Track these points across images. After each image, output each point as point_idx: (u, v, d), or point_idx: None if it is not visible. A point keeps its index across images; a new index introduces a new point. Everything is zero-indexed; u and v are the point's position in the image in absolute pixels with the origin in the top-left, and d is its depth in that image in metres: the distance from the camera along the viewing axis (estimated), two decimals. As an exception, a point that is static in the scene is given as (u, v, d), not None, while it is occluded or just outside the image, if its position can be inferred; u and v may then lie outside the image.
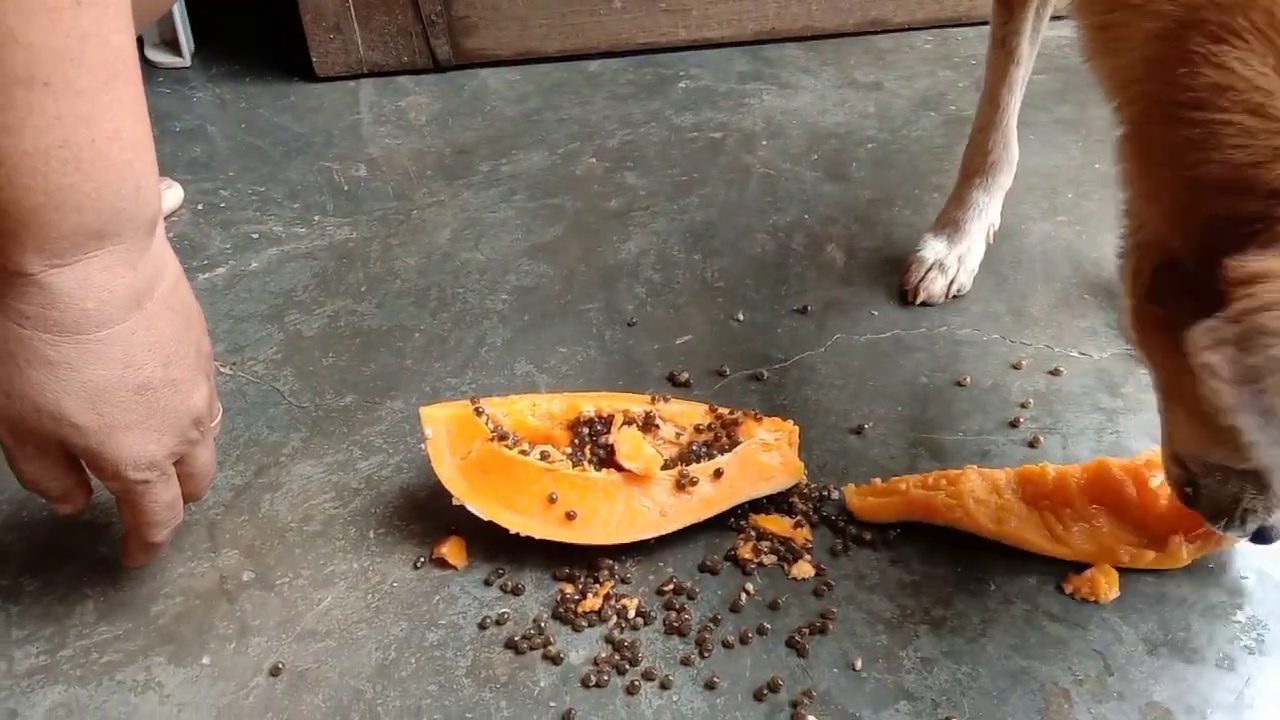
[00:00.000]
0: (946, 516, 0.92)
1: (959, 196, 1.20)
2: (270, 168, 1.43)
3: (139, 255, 0.72)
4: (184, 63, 1.64)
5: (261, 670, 0.85)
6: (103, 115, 0.65)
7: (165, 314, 0.75)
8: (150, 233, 0.73)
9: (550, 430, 0.96)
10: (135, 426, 0.75)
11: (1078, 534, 0.91)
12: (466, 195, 1.37)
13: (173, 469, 0.80)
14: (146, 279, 0.73)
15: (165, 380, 0.75)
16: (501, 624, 0.88)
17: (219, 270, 1.26)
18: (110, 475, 0.76)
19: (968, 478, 0.94)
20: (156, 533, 0.83)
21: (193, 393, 0.78)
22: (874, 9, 1.65)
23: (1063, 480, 0.94)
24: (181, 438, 0.79)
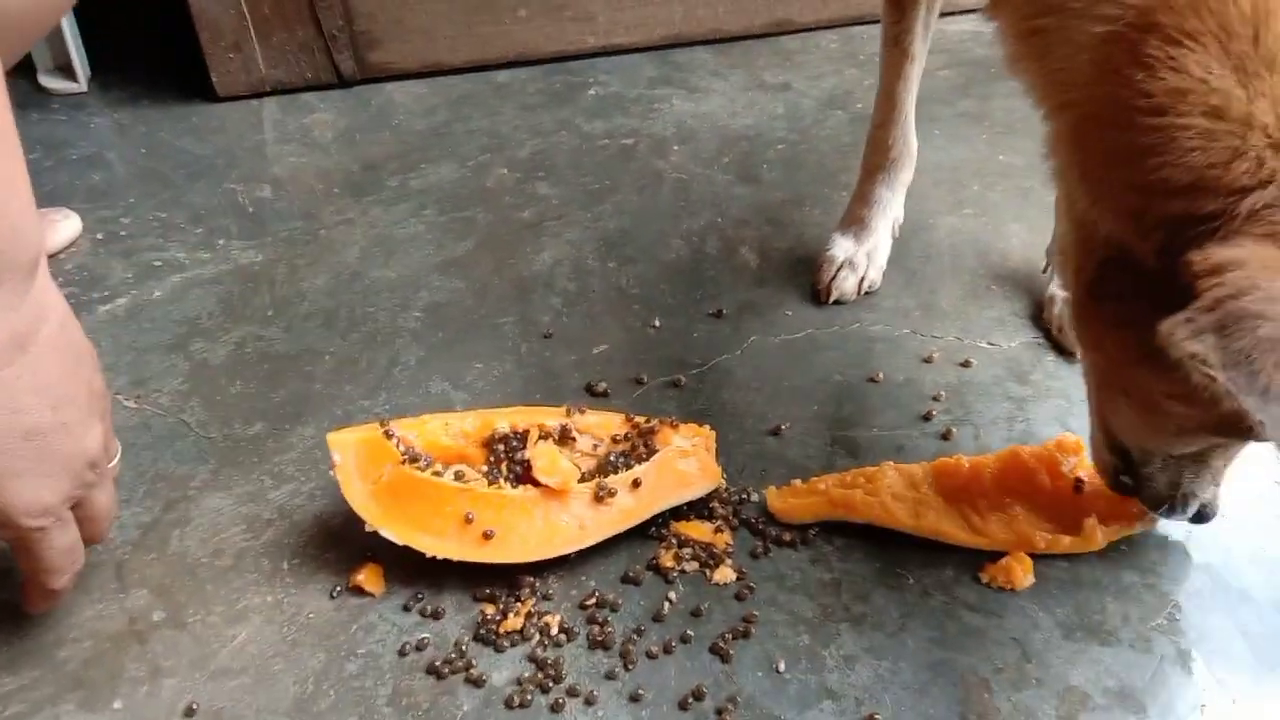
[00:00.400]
0: (865, 514, 0.93)
1: (862, 194, 1.21)
2: (172, 192, 1.39)
3: (19, 298, 0.69)
4: (80, 88, 1.60)
5: (175, 712, 0.83)
6: None
7: (52, 356, 0.72)
8: (30, 275, 0.70)
9: (465, 449, 0.94)
10: (26, 474, 0.72)
11: (994, 523, 0.93)
12: (375, 212, 1.35)
13: (69, 514, 0.78)
14: (28, 322, 0.70)
15: (55, 424, 0.73)
16: (422, 649, 0.87)
17: (120, 300, 1.23)
18: (3, 524, 0.74)
19: (884, 474, 0.95)
20: (56, 580, 0.80)
21: (85, 435, 0.76)
22: (779, 9, 1.66)
23: (977, 471, 0.95)
24: (76, 482, 0.76)
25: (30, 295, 0.71)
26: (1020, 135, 1.46)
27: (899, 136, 1.19)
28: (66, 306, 0.76)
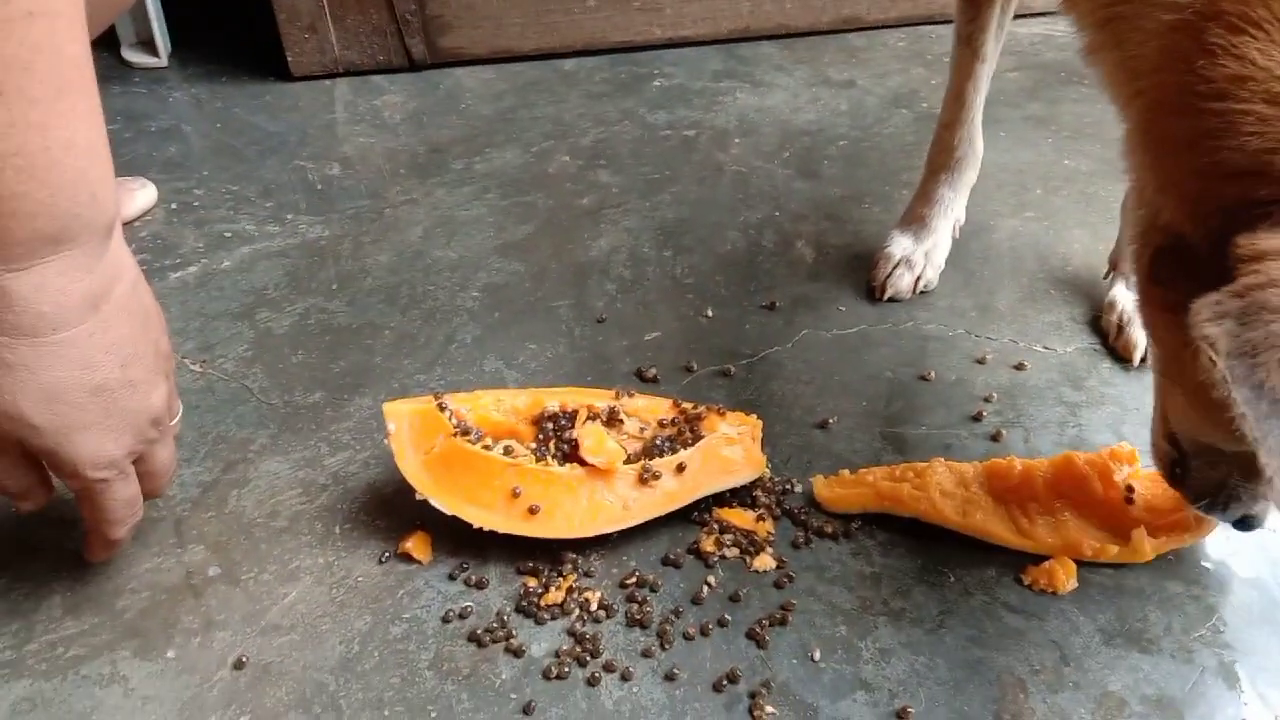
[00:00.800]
0: (913, 508, 0.93)
1: (925, 193, 1.21)
2: (244, 167, 1.43)
3: (95, 260, 0.72)
4: (160, 63, 1.65)
5: (225, 664, 0.86)
6: (57, 123, 0.66)
7: (122, 316, 0.75)
8: (107, 237, 0.73)
9: (515, 425, 0.96)
10: (93, 427, 0.75)
11: (1042, 527, 0.92)
12: (439, 193, 1.38)
13: (131, 468, 0.81)
14: (103, 282, 0.73)
15: (123, 381, 0.76)
16: (465, 617, 0.89)
17: (191, 269, 1.27)
18: (69, 474, 0.77)
19: (934, 470, 0.95)
20: (116, 530, 0.83)
21: (151, 393, 0.79)
22: (847, 7, 1.66)
23: (1029, 474, 0.95)
24: (140, 437, 0.79)
25: (106, 258, 0.74)
26: (1087, 140, 1.44)
27: (965, 137, 1.18)
28: (138, 269, 0.79)
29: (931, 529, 0.94)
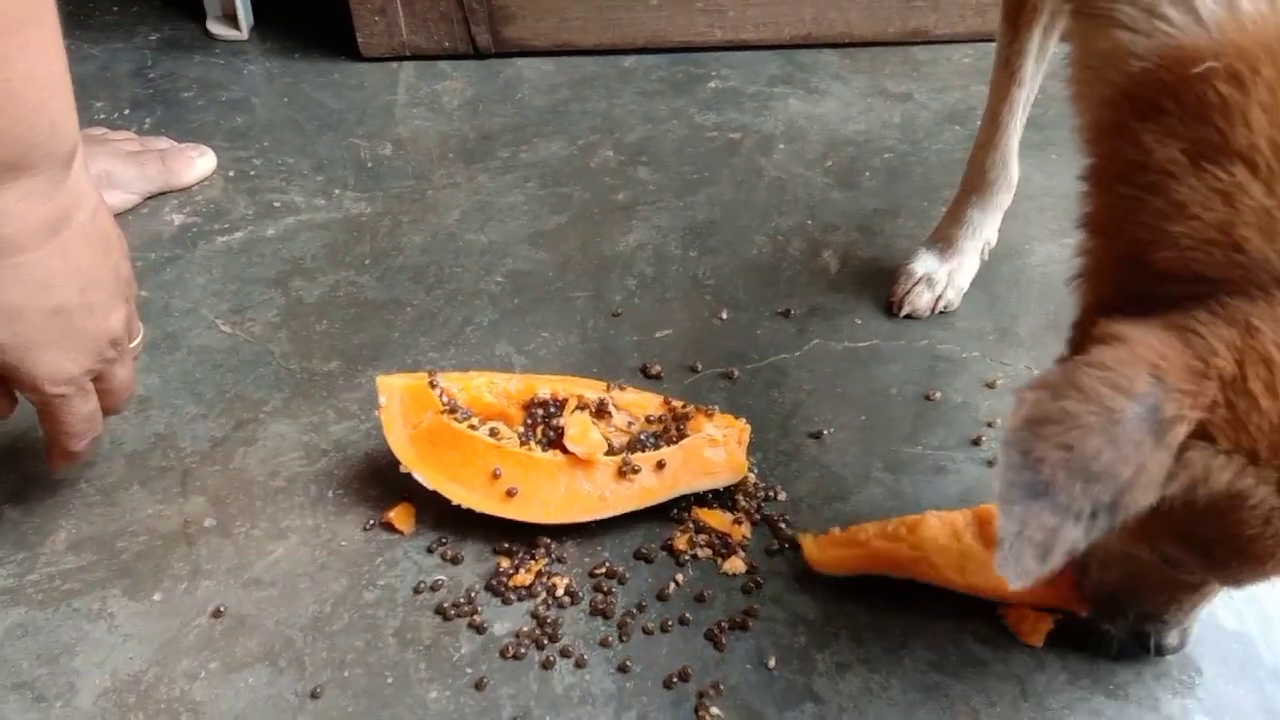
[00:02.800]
0: (911, 570, 0.88)
1: (954, 213, 1.19)
2: (303, 140, 1.48)
3: (55, 187, 0.76)
4: (241, 36, 1.71)
5: (205, 611, 0.90)
6: (17, 56, 0.70)
7: (82, 242, 0.80)
8: (67, 166, 0.77)
9: (505, 408, 0.98)
10: (51, 345, 0.80)
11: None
12: (482, 179, 1.41)
13: (90, 385, 0.86)
14: (63, 209, 0.78)
15: (82, 304, 0.80)
16: (435, 590, 0.92)
17: (237, 234, 1.32)
18: (29, 389, 0.82)
19: (927, 525, 0.90)
20: (75, 442, 0.88)
21: (109, 315, 0.83)
22: (914, 19, 1.63)
23: None
24: (98, 357, 0.84)
25: (65, 185, 0.77)
26: (1144, 170, 1.39)
27: (998, 160, 1.16)
28: (100, 197, 0.83)
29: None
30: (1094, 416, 0.55)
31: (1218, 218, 0.58)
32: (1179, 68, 0.61)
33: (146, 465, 1.03)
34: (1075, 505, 0.55)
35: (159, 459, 1.03)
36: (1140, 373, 0.55)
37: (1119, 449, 0.54)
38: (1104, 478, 0.54)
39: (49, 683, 0.85)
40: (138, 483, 1.01)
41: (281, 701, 0.84)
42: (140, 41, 1.71)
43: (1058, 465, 0.55)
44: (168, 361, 1.14)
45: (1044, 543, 0.55)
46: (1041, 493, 0.55)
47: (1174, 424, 0.55)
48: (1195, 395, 0.56)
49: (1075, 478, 0.54)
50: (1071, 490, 0.54)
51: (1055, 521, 0.55)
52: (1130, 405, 0.55)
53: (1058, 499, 0.55)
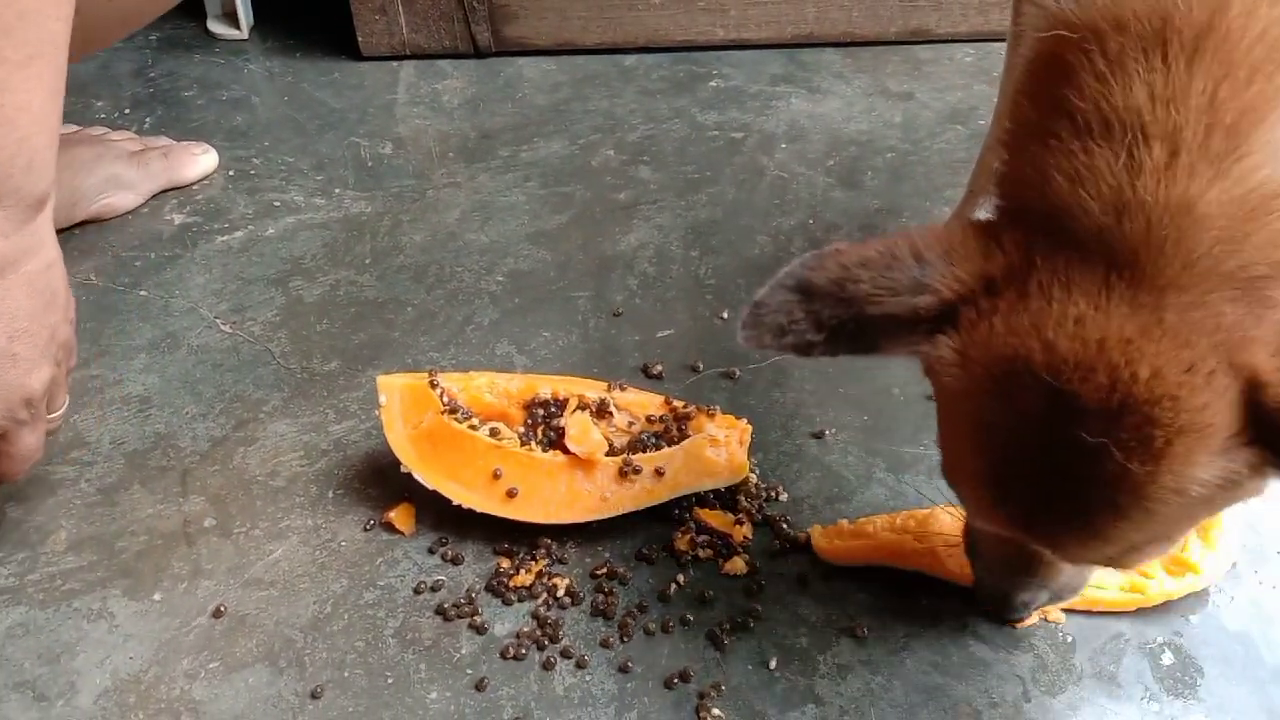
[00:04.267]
0: (916, 562, 0.89)
1: (961, 213, 1.19)
2: (303, 140, 1.48)
3: (14, 227, 0.75)
4: (241, 35, 1.71)
5: (205, 611, 0.90)
6: (19, 86, 0.70)
7: (24, 290, 0.78)
8: (35, 210, 0.76)
9: (506, 408, 0.98)
10: None
11: None
12: (482, 178, 1.40)
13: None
14: (15, 252, 0.76)
15: (6, 352, 0.78)
16: (435, 590, 0.91)
17: (237, 234, 1.32)
18: None
19: (936, 518, 0.90)
20: None
21: (31, 372, 0.81)
22: (916, 18, 1.63)
23: None
24: (8, 413, 0.81)
25: (27, 228, 0.76)
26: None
27: (1003, 159, 1.15)
28: (59, 255, 0.81)
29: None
30: (875, 254, 0.62)
31: (1039, 164, 0.61)
32: (1053, 40, 0.64)
33: (146, 465, 1.02)
34: (824, 314, 0.62)
35: (159, 459, 1.03)
36: (936, 243, 0.62)
37: (878, 288, 0.61)
38: (856, 303, 0.62)
39: (49, 682, 0.85)
40: (138, 482, 1.01)
41: (281, 701, 0.84)
42: (140, 41, 1.71)
43: (826, 280, 0.62)
44: (167, 361, 1.14)
45: (780, 326, 0.63)
46: (803, 291, 0.63)
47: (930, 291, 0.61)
48: (960, 280, 0.61)
49: (835, 291, 0.62)
50: (826, 301, 0.62)
51: (801, 317, 0.63)
52: (910, 259, 0.62)
53: (813, 302, 0.62)
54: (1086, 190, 0.58)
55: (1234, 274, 0.56)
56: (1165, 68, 0.57)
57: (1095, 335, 0.57)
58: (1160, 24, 0.58)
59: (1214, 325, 0.56)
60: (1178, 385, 0.56)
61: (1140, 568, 0.85)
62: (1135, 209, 0.56)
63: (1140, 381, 0.56)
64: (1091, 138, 0.59)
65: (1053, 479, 0.61)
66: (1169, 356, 0.56)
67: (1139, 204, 0.56)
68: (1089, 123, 0.59)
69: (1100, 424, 0.57)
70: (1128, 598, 0.87)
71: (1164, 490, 0.58)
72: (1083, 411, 0.57)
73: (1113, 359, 0.56)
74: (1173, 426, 0.56)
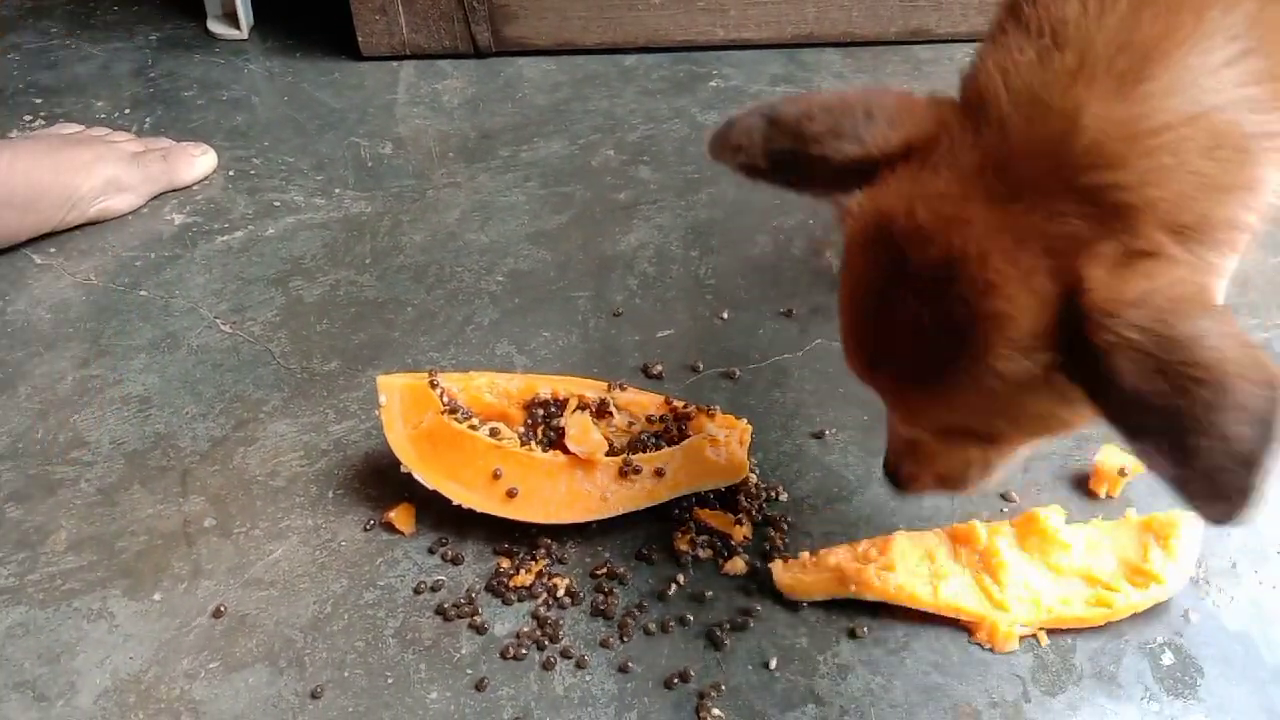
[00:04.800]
0: (880, 591, 0.87)
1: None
2: (303, 140, 1.48)
3: None
4: (241, 35, 1.71)
5: (205, 611, 0.90)
6: None
7: None
8: None
9: (505, 408, 0.98)
10: None
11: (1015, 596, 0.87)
12: (482, 178, 1.40)
13: None
14: None
15: None
16: (435, 590, 0.91)
17: (237, 234, 1.32)
18: None
19: (897, 544, 0.89)
20: None
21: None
22: (916, 18, 1.63)
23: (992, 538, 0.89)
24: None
25: None
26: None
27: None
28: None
29: (911, 550, 0.93)
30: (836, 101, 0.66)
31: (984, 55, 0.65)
32: None
33: (146, 465, 1.02)
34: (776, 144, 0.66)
35: (159, 459, 1.03)
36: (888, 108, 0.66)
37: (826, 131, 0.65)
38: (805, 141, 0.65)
39: (49, 682, 0.85)
40: (138, 482, 1.01)
41: (282, 701, 0.84)
42: (140, 41, 1.71)
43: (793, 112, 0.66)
44: (167, 361, 1.14)
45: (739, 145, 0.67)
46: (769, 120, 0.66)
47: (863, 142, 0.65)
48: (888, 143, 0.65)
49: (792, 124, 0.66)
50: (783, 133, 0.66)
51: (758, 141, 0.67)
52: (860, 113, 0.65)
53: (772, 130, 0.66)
54: (1003, 81, 0.61)
55: (1097, 193, 0.57)
56: None
57: (946, 211, 0.61)
58: None
59: (1055, 234, 0.58)
60: (996, 274, 0.59)
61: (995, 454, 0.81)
62: (1032, 105, 0.59)
63: (964, 260, 0.60)
64: (1027, 37, 0.62)
65: (887, 335, 0.66)
66: (999, 247, 0.59)
67: (1035, 101, 0.59)
68: (1028, 25, 0.63)
69: (923, 290, 0.62)
70: (1094, 612, 0.86)
71: (964, 372, 0.62)
72: (913, 276, 0.62)
73: (949, 235, 0.60)
74: (979, 310, 0.60)
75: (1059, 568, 0.89)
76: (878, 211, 0.65)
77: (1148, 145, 0.56)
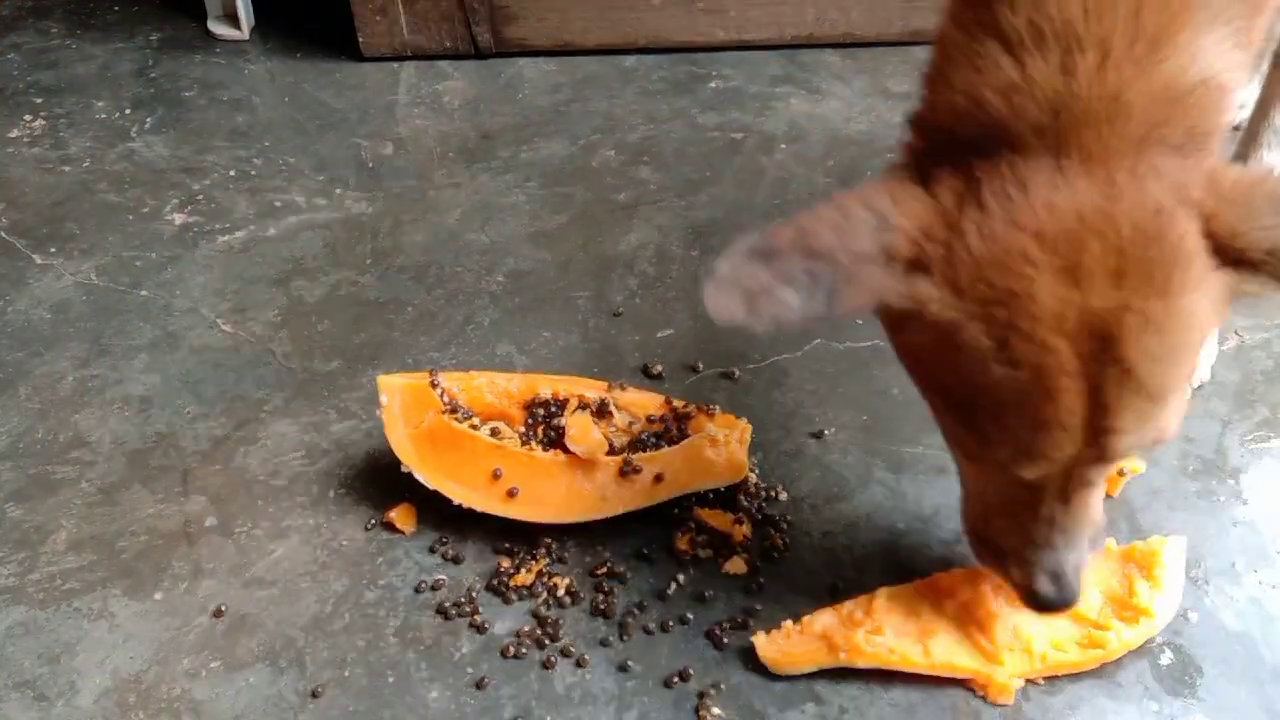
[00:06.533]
0: (872, 657, 0.83)
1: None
2: (304, 140, 1.48)
3: None
4: (242, 36, 1.71)
5: (206, 611, 0.90)
6: None
7: None
8: None
9: (506, 408, 0.98)
10: None
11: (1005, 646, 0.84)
12: (483, 179, 1.41)
13: None
14: None
15: None
16: (436, 589, 0.91)
17: (239, 234, 1.32)
18: None
19: (881, 602, 0.86)
20: None
21: None
22: (915, 19, 1.63)
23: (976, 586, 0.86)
24: None
25: None
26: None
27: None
28: None
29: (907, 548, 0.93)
30: (830, 213, 0.65)
31: (969, 88, 0.66)
32: None
33: (147, 464, 1.03)
34: (793, 272, 0.63)
35: (160, 458, 1.03)
36: (882, 193, 0.66)
37: (842, 239, 0.64)
38: (824, 256, 0.63)
39: (50, 682, 0.85)
40: (139, 482, 1.01)
41: (282, 701, 0.84)
42: (142, 41, 1.71)
43: (786, 240, 0.64)
44: (169, 361, 1.14)
45: (751, 291, 0.64)
46: (763, 256, 0.64)
47: (895, 232, 0.64)
48: (918, 216, 0.65)
49: (797, 250, 0.64)
50: (792, 260, 0.63)
51: (768, 280, 0.63)
52: (861, 210, 0.64)
53: (776, 263, 0.63)
54: (1023, 98, 0.64)
55: (1161, 139, 0.64)
56: None
57: (1071, 211, 0.63)
58: None
59: (1158, 174, 0.63)
60: (1155, 227, 0.62)
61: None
62: (1072, 104, 0.63)
63: (1125, 235, 0.62)
64: (1024, 49, 0.65)
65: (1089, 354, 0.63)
66: (1136, 206, 0.62)
67: (1074, 99, 0.63)
68: (1020, 37, 0.65)
69: (1110, 283, 0.62)
70: (1089, 655, 0.84)
71: (1180, 322, 0.63)
72: (1090, 277, 0.62)
73: (1095, 224, 0.62)
74: (1167, 261, 0.62)
75: None
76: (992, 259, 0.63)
77: (1181, 104, 0.64)
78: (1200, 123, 0.66)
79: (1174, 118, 0.65)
